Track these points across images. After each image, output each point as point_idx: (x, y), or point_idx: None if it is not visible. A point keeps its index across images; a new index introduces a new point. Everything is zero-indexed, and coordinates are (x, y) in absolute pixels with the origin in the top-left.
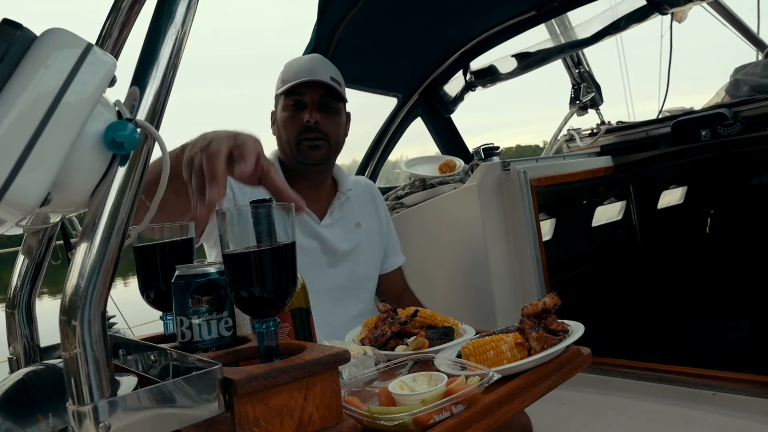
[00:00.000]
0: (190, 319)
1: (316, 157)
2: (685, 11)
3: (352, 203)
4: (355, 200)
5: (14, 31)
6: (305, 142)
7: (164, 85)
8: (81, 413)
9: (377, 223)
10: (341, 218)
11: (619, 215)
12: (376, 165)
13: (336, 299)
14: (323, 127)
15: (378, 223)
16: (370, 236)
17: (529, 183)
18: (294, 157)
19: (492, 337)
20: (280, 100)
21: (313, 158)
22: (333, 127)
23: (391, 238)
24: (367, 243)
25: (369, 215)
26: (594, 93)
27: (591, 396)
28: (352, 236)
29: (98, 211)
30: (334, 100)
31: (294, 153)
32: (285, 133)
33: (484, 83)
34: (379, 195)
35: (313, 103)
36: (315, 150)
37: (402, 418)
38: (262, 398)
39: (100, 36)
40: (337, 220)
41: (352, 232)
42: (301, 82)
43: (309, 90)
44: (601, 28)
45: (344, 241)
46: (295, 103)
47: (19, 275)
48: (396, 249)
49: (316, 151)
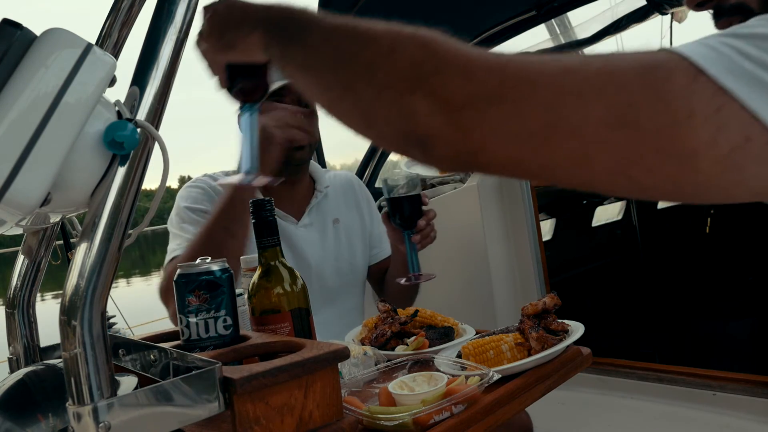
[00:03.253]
0: (188, 318)
1: (303, 156)
2: (685, 11)
3: (331, 200)
4: (334, 196)
5: (14, 31)
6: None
7: (164, 85)
8: (81, 413)
9: (357, 216)
10: (319, 217)
11: (619, 215)
12: (376, 165)
13: (327, 298)
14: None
15: (359, 216)
16: (349, 230)
17: (529, 183)
18: None
19: (492, 337)
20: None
21: (300, 158)
22: (313, 125)
23: (375, 230)
24: (347, 237)
25: (348, 209)
26: None
27: (591, 396)
28: (330, 235)
29: (98, 211)
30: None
31: None
32: None
33: None
34: (362, 187)
35: (294, 104)
36: (300, 150)
37: (402, 418)
38: (262, 396)
39: (100, 36)
40: (315, 219)
41: (330, 231)
42: (284, 84)
43: (289, 91)
44: (601, 28)
45: (320, 247)
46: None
47: (19, 275)
48: (382, 239)
49: (301, 150)
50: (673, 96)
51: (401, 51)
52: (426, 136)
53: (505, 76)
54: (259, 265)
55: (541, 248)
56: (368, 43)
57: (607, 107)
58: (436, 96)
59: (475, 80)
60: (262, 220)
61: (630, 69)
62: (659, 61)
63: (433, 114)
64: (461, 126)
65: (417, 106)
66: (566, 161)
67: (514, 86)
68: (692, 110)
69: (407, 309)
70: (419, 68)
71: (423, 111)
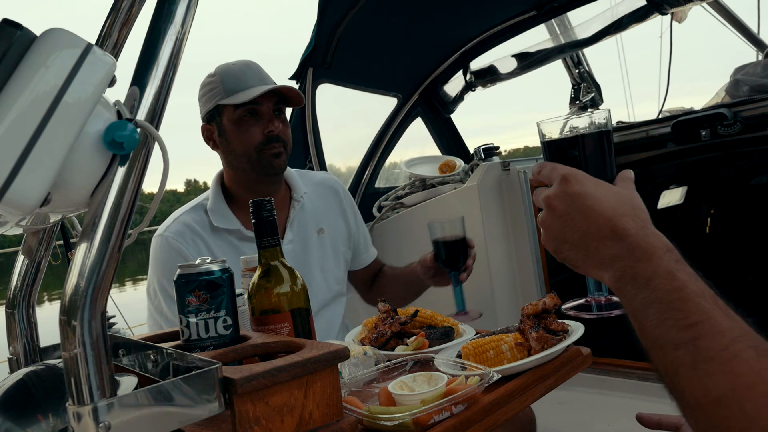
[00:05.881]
0: (188, 318)
1: (281, 165)
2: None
3: (310, 208)
4: (313, 203)
5: (14, 31)
6: (268, 151)
7: (164, 85)
8: (81, 413)
9: (344, 224)
10: (301, 230)
11: None
12: (376, 165)
13: (320, 310)
14: (282, 134)
15: (345, 224)
16: (335, 240)
17: (529, 183)
18: (255, 169)
19: (492, 337)
20: (227, 112)
21: (279, 167)
22: (287, 133)
23: (361, 235)
24: (332, 247)
25: (334, 217)
26: (594, 93)
27: (591, 396)
28: (315, 247)
29: (98, 211)
30: (284, 106)
31: (255, 165)
32: (242, 146)
33: (484, 83)
34: (344, 191)
35: (270, 111)
36: (278, 158)
37: (402, 418)
38: (262, 396)
39: (100, 36)
40: (297, 234)
41: (314, 242)
42: (264, 91)
43: (264, 98)
44: (601, 28)
45: (304, 263)
46: (251, 113)
47: (19, 275)
48: (368, 244)
49: (278, 159)
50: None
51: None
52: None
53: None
54: (259, 265)
55: (541, 248)
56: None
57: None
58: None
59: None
60: (262, 220)
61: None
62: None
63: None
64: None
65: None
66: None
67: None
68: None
69: (407, 309)
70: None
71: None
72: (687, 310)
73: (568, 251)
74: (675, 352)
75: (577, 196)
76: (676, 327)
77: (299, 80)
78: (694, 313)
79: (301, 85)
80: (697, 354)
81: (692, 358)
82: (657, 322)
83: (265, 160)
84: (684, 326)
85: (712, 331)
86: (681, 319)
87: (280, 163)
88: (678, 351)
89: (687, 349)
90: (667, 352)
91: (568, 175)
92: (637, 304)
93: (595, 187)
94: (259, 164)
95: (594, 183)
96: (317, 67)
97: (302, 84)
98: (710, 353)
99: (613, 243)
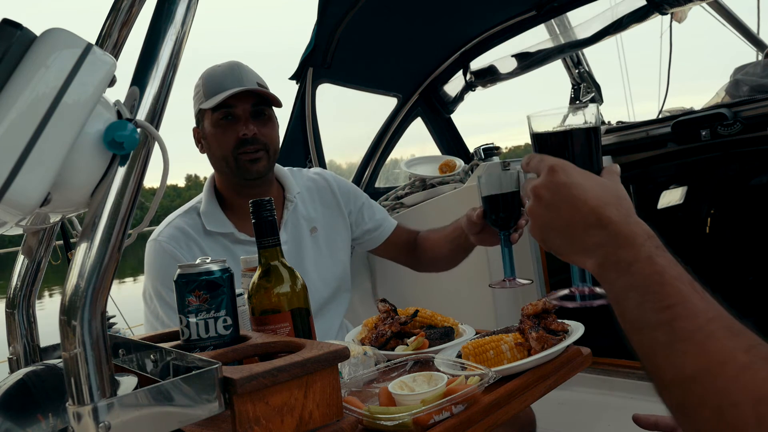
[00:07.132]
0: (188, 318)
1: (259, 169)
2: (685, 11)
3: (304, 207)
4: (307, 201)
5: (14, 31)
6: (244, 156)
7: (164, 85)
8: (81, 413)
9: (340, 217)
10: (295, 230)
11: None
12: (376, 165)
13: (318, 310)
14: (261, 137)
15: (341, 217)
16: (330, 237)
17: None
18: (234, 174)
19: (492, 337)
20: (207, 115)
21: (256, 171)
22: (270, 134)
23: (364, 212)
24: (327, 245)
25: (328, 212)
26: (594, 93)
27: (591, 396)
28: (309, 246)
29: (98, 211)
30: (266, 106)
31: (233, 169)
32: (219, 150)
33: (484, 83)
34: (333, 177)
35: (246, 113)
36: (256, 163)
37: (402, 418)
38: (262, 396)
39: (100, 36)
40: (291, 234)
41: (308, 242)
42: (232, 93)
43: (239, 101)
44: (601, 28)
45: (298, 263)
46: (225, 116)
47: (19, 275)
48: (379, 217)
49: (257, 163)
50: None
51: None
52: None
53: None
54: (259, 265)
55: (541, 248)
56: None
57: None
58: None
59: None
60: (263, 220)
61: None
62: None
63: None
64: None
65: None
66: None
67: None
68: None
69: (407, 309)
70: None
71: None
72: (665, 293)
73: (554, 239)
74: (653, 332)
75: (563, 185)
76: (654, 309)
77: (299, 80)
78: (672, 295)
79: (301, 85)
80: (674, 334)
81: (669, 338)
82: (636, 304)
83: (242, 165)
84: (661, 308)
85: (688, 313)
86: (659, 302)
87: (258, 168)
88: (656, 332)
89: (664, 329)
90: (645, 334)
91: (555, 166)
92: (618, 288)
93: (582, 178)
94: (237, 169)
95: (580, 174)
96: (317, 67)
97: (302, 84)
98: (686, 333)
99: (597, 231)
